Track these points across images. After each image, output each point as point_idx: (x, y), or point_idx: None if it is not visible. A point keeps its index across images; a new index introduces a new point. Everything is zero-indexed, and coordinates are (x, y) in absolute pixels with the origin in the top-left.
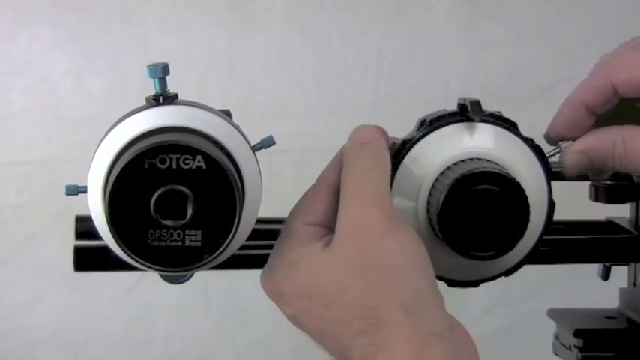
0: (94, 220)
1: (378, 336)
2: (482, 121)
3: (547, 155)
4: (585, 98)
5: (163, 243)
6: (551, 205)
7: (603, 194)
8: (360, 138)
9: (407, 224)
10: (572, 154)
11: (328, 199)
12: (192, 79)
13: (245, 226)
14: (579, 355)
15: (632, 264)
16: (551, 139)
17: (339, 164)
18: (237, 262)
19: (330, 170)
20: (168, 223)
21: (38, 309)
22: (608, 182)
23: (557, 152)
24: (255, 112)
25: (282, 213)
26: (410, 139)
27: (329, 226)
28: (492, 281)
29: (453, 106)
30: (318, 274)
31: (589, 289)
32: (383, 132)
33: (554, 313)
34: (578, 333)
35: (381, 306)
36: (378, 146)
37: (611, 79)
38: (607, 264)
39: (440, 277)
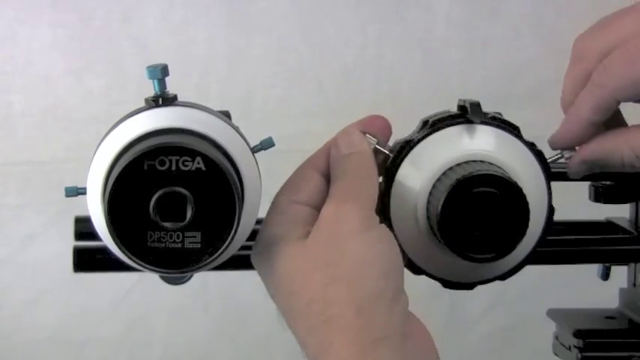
0: (94, 222)
1: (328, 336)
2: (482, 122)
3: (549, 160)
4: (594, 118)
5: (163, 244)
6: (551, 208)
7: (603, 194)
8: (347, 147)
9: (383, 226)
10: (578, 164)
11: (313, 180)
12: (192, 79)
13: (245, 227)
14: (579, 355)
15: (632, 264)
16: (555, 148)
17: (328, 151)
18: (237, 263)
19: (319, 155)
20: (167, 224)
21: (38, 309)
22: (608, 182)
23: (559, 158)
24: (255, 112)
25: None
26: (410, 141)
27: (314, 206)
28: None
29: (452, 107)
30: (289, 261)
31: (589, 289)
32: (364, 138)
33: (554, 314)
34: (578, 333)
35: (335, 302)
36: (365, 156)
37: (617, 98)
38: (607, 264)
39: (438, 279)
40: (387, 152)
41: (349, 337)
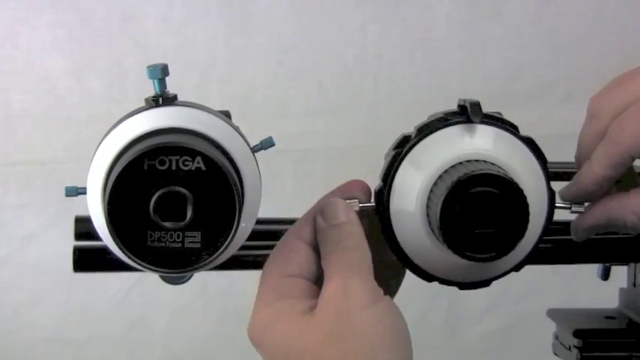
0: (94, 222)
1: None
2: (482, 122)
3: (556, 206)
4: (608, 174)
5: (163, 244)
6: (552, 205)
7: None
8: (334, 217)
9: (388, 298)
10: (582, 231)
11: (302, 251)
12: (192, 79)
13: (245, 226)
14: (579, 355)
15: (632, 264)
16: (567, 200)
17: (311, 221)
18: (237, 263)
19: (303, 225)
20: (167, 224)
21: (38, 309)
22: None
23: (567, 209)
24: (255, 112)
25: (282, 213)
26: (409, 140)
27: (306, 277)
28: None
29: (452, 107)
30: (296, 336)
31: (589, 289)
32: (349, 206)
33: (554, 313)
34: (577, 333)
35: None
36: (354, 226)
37: (631, 154)
38: (607, 264)
39: (439, 279)
40: (372, 204)
41: None
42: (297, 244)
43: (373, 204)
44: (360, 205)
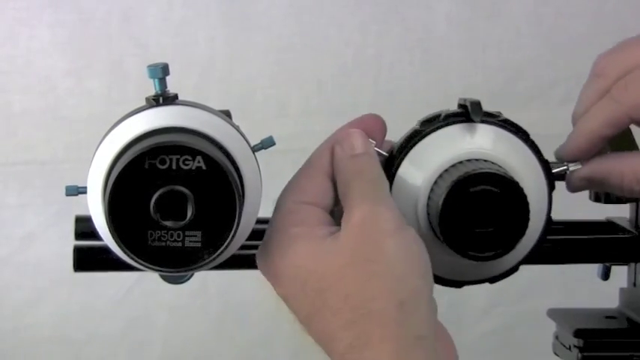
0: (94, 221)
1: (366, 329)
2: (482, 121)
3: (554, 172)
4: (603, 132)
5: (163, 243)
6: (550, 206)
7: (603, 194)
8: (352, 148)
9: (412, 228)
10: (578, 180)
11: (318, 180)
12: (192, 79)
13: (245, 226)
14: (579, 355)
15: (633, 264)
16: (561, 160)
17: (329, 151)
18: (237, 263)
19: (320, 156)
20: (168, 223)
21: (38, 309)
22: None
23: (565, 170)
24: (255, 112)
25: None
26: (410, 140)
27: (321, 206)
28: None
29: (452, 107)
30: (317, 259)
31: (589, 289)
32: (368, 140)
33: (554, 313)
34: (578, 333)
35: (377, 297)
36: (374, 157)
37: (631, 116)
38: (607, 264)
39: (439, 278)
40: (384, 153)
41: (390, 330)
42: (314, 172)
43: (385, 153)
44: (375, 148)
